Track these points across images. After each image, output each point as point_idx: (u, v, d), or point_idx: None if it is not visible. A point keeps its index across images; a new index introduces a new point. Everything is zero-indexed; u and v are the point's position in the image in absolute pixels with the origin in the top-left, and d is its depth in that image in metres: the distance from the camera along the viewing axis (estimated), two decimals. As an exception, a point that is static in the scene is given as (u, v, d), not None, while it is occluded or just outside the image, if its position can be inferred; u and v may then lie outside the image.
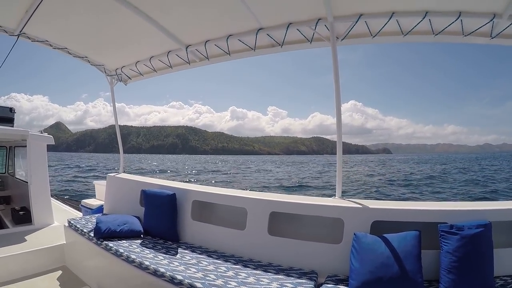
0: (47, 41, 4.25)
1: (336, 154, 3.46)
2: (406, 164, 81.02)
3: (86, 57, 4.84)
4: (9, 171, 7.96)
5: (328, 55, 3.48)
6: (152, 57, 4.62)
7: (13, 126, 6.18)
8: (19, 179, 7.14)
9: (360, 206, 3.07)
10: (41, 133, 5.76)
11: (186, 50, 4.24)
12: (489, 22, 2.91)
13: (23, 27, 3.70)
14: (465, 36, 3.17)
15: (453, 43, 3.29)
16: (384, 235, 2.71)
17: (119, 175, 5.35)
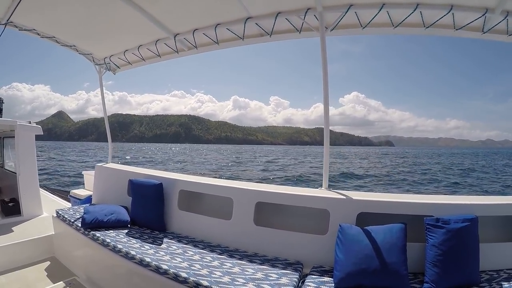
0: (34, 29, 4.18)
1: (340, 145, 3.44)
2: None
3: (74, 46, 4.77)
4: (-2, 162, 7.88)
5: (331, 43, 3.44)
6: (141, 46, 4.57)
7: (1, 117, 6.10)
8: (8, 170, 7.08)
9: (346, 197, 3.07)
10: (30, 123, 5.70)
11: (175, 39, 4.19)
12: (481, 16, 2.90)
13: (10, 16, 3.63)
14: (457, 30, 3.16)
15: (457, 38, 3.26)
16: (370, 227, 2.71)
17: (107, 165, 5.33)
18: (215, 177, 4.95)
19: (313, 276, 2.69)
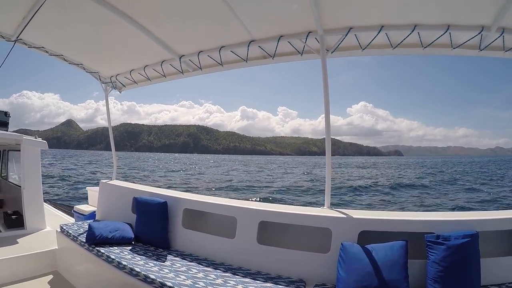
0: (43, 47, 4.28)
1: (348, 155, 3.49)
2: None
3: (81, 64, 4.88)
4: (2, 175, 7.92)
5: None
6: (146, 66, 4.66)
7: (7, 130, 6.18)
8: (12, 183, 7.12)
9: (348, 216, 3.11)
10: (35, 138, 5.77)
11: (180, 60, 4.29)
12: (477, 34, 2.97)
13: (20, 33, 3.73)
14: (454, 48, 3.23)
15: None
16: (371, 245, 2.75)
17: (111, 182, 5.36)
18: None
19: None
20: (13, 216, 5.79)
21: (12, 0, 3.34)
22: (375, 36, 3.18)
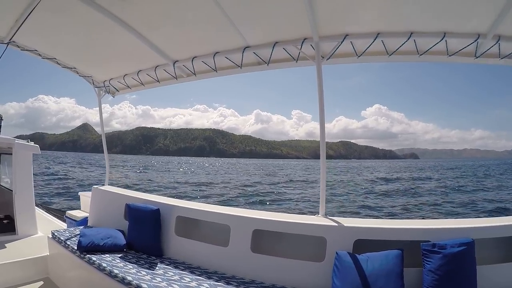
0: (36, 50, 4.24)
1: (364, 159, 3.45)
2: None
3: (74, 68, 4.83)
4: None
5: None
6: (140, 71, 4.63)
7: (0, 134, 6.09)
8: (4, 187, 7.03)
9: (343, 224, 3.09)
10: (28, 142, 5.70)
11: (174, 66, 4.26)
12: (473, 42, 2.97)
13: (13, 36, 3.69)
14: (450, 56, 3.24)
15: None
16: (367, 253, 2.74)
17: (104, 188, 5.30)
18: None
19: None
20: (5, 221, 5.71)
21: (5, 3, 3.30)
22: (371, 44, 3.17)
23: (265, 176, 52.06)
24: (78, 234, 4.24)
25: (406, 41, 3.07)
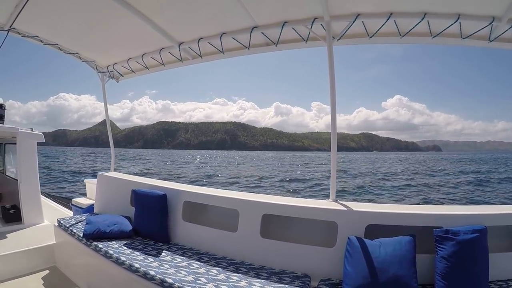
0: (37, 36, 4.16)
1: (386, 151, 3.40)
2: None
3: (77, 53, 4.75)
4: (0, 169, 7.84)
5: (367, 48, 3.44)
6: (144, 54, 4.55)
7: (3, 123, 6.06)
8: (10, 177, 7.04)
9: (354, 209, 3.04)
10: (32, 130, 5.66)
11: (179, 48, 4.17)
12: (488, 25, 2.89)
13: (13, 22, 3.62)
14: (464, 38, 3.16)
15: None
16: (379, 239, 2.69)
17: (109, 174, 5.27)
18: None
19: None
20: (11, 211, 5.71)
21: None
22: (384, 24, 3.08)
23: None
24: (84, 222, 4.23)
25: (420, 22, 2.98)
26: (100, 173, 5.35)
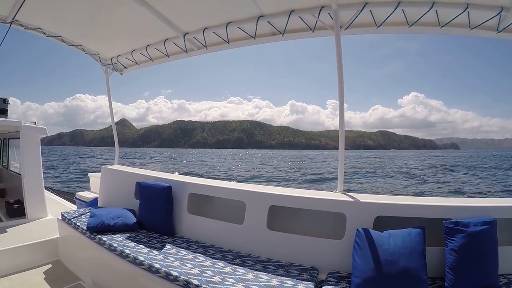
0: (40, 28, 4.14)
1: (403, 149, 3.34)
2: None
3: (80, 45, 4.72)
4: (4, 164, 7.86)
5: (382, 44, 3.40)
6: (149, 45, 4.51)
7: (6, 117, 6.05)
8: (14, 172, 7.05)
9: (363, 201, 2.99)
10: (35, 124, 5.64)
11: (184, 38, 4.12)
12: (496, 15, 2.84)
13: (16, 14, 3.59)
14: (472, 29, 3.12)
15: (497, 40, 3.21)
16: (388, 231, 2.65)
17: (113, 167, 5.25)
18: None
19: (330, 282, 2.61)
20: (15, 205, 5.72)
21: None
22: (392, 13, 3.03)
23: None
24: (87, 215, 4.21)
25: (428, 11, 2.93)
26: (104, 166, 5.32)
